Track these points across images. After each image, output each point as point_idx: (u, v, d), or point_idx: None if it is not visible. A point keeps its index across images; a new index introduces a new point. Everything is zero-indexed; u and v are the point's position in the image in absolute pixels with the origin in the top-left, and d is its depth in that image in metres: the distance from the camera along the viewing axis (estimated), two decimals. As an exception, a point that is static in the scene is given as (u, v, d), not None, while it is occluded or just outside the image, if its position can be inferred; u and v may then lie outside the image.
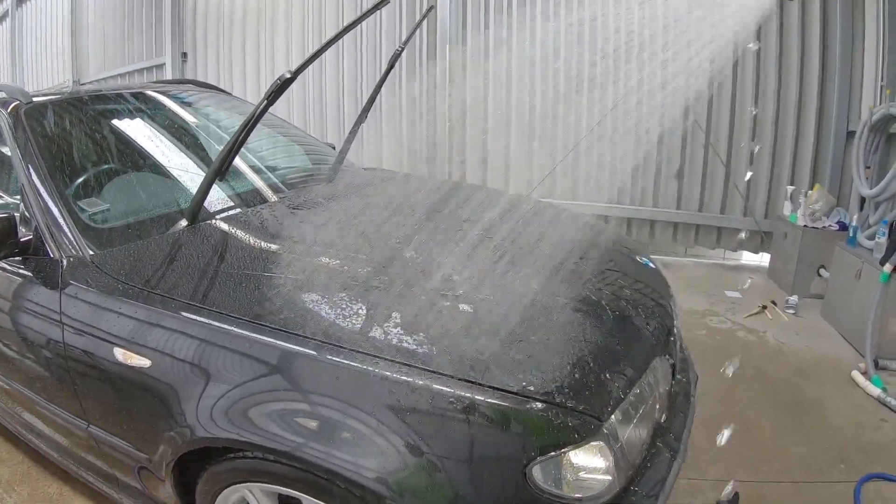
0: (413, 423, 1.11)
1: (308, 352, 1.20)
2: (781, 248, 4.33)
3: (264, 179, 2.21)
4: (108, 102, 2.23)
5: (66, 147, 1.90)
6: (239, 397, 1.22)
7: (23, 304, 1.62)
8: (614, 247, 2.05)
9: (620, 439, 1.19)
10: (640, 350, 1.41)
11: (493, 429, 1.09)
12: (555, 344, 1.24)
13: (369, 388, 1.14)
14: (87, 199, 1.78)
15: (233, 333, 1.27)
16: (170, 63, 6.22)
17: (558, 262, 1.72)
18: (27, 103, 1.93)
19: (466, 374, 1.13)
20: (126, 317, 1.39)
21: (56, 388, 1.59)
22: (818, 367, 3.03)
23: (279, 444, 1.17)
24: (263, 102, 1.64)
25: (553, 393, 1.12)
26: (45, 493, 2.03)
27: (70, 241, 1.60)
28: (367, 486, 1.10)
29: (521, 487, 1.09)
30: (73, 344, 1.48)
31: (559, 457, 1.10)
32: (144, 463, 1.45)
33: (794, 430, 2.44)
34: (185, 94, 2.64)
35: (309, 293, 1.34)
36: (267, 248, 1.59)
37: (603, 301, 1.52)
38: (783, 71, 4.43)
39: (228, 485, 1.33)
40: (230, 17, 5.96)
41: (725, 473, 2.14)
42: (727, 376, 2.82)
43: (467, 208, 2.16)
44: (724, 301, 3.99)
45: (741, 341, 3.34)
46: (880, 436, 2.41)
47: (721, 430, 2.39)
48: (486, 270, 1.52)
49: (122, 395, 1.41)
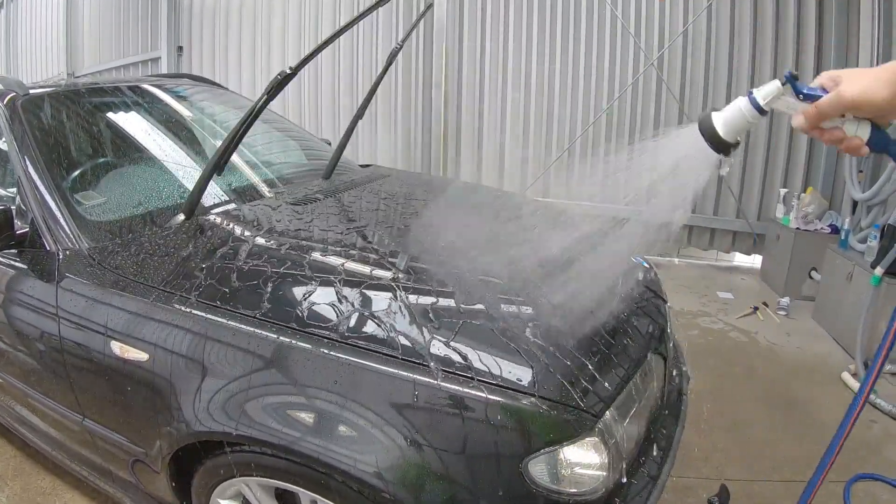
0: (410, 418, 1.11)
1: (305, 346, 1.21)
2: (774, 250, 4.36)
3: (261, 175, 2.21)
4: (105, 95, 2.22)
5: (62, 140, 1.90)
6: (236, 391, 1.23)
7: (19, 297, 1.61)
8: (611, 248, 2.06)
9: (615, 435, 1.20)
10: (633, 348, 1.42)
11: (489, 424, 1.10)
12: (550, 340, 1.25)
13: (366, 382, 1.15)
14: (83, 192, 1.78)
15: (230, 327, 1.27)
16: (165, 57, 6.19)
17: (554, 261, 1.73)
18: (24, 95, 1.92)
19: (463, 369, 1.14)
20: (123, 310, 1.39)
21: (51, 381, 1.58)
22: (809, 368, 3.06)
23: (276, 437, 1.17)
24: (263, 98, 1.64)
25: (548, 389, 1.13)
26: (39, 486, 2.02)
27: (66, 234, 1.60)
28: (365, 480, 1.10)
29: (518, 482, 1.10)
30: (69, 337, 1.47)
31: (554, 452, 1.11)
32: (140, 457, 1.45)
33: (784, 429, 2.47)
34: (181, 87, 2.63)
35: (303, 286, 1.35)
36: (263, 243, 1.59)
37: (598, 299, 1.53)
38: (778, 73, 4.46)
39: (225, 479, 1.34)
40: (226, 12, 5.94)
41: (716, 472, 2.16)
42: (719, 376, 2.84)
43: (466, 207, 2.17)
44: (716, 302, 4.02)
45: (733, 342, 3.37)
46: (870, 436, 2.44)
47: (712, 429, 2.42)
48: (481, 267, 1.52)
49: (118, 388, 1.41)
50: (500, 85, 5.17)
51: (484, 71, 5.19)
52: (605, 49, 4.85)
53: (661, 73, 4.72)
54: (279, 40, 5.79)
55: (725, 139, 0.84)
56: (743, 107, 0.84)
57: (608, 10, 4.76)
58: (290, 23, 5.71)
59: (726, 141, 0.84)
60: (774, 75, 4.40)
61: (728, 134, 0.84)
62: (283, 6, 5.69)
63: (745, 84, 4.55)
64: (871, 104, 0.77)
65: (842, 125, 0.82)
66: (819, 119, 0.82)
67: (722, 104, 3.42)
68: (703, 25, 4.59)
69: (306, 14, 5.65)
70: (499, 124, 5.23)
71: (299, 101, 5.79)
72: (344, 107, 5.66)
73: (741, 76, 4.56)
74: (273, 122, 2.82)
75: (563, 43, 4.94)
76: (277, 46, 5.81)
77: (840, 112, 0.81)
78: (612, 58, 4.84)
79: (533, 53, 5.02)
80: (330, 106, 5.71)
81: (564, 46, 4.94)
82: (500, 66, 5.13)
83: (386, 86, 5.39)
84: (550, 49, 4.98)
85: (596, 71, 4.90)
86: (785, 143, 4.50)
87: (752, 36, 4.48)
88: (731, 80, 4.58)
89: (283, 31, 5.76)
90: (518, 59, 5.08)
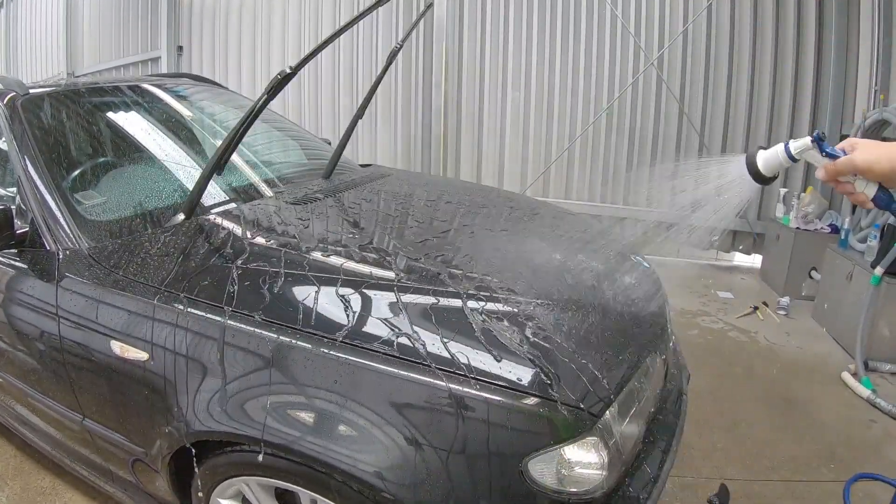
0: (410, 418, 1.12)
1: (305, 345, 1.21)
2: (774, 249, 4.36)
3: (261, 175, 2.21)
4: (105, 95, 2.22)
5: (62, 139, 1.90)
6: (236, 390, 1.23)
7: (19, 296, 1.61)
8: (610, 246, 2.06)
9: (615, 435, 1.20)
10: (633, 347, 1.42)
11: (489, 424, 1.10)
12: (551, 340, 1.25)
13: (366, 382, 1.15)
14: (83, 191, 1.78)
15: (231, 327, 1.27)
16: (165, 56, 6.19)
17: (554, 260, 1.73)
18: (24, 95, 1.92)
19: (463, 369, 1.14)
20: (123, 310, 1.39)
21: (51, 381, 1.58)
22: (809, 367, 3.06)
23: (276, 437, 1.17)
24: (263, 97, 1.64)
25: (549, 388, 1.13)
26: (38, 486, 2.02)
27: (66, 234, 1.59)
28: (365, 480, 1.10)
29: (517, 482, 1.10)
30: (70, 337, 1.47)
31: (555, 452, 1.11)
32: (140, 456, 1.46)
33: (784, 429, 2.47)
34: (181, 87, 2.63)
35: (302, 286, 1.35)
36: (262, 242, 1.59)
37: (598, 299, 1.53)
38: (777, 73, 4.47)
39: (225, 478, 1.34)
40: (226, 12, 5.93)
41: (716, 471, 2.16)
42: (719, 375, 2.84)
43: (465, 205, 2.16)
44: (716, 301, 4.02)
45: (733, 341, 3.37)
46: (870, 436, 2.44)
47: (712, 429, 2.42)
48: (482, 267, 1.52)
49: (118, 388, 1.41)
50: (500, 85, 5.16)
51: (484, 71, 5.19)
52: (605, 48, 4.85)
53: (661, 73, 4.72)
54: (279, 40, 5.79)
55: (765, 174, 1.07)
56: (780, 153, 1.06)
57: (608, 10, 4.76)
58: (290, 23, 5.70)
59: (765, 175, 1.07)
60: (774, 75, 4.42)
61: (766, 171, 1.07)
62: (283, 6, 5.69)
63: (745, 84, 4.55)
64: (874, 173, 0.95)
65: (853, 181, 1.01)
66: (835, 175, 1.01)
67: (722, 103, 3.44)
68: (703, 25, 4.59)
69: (306, 14, 5.64)
70: (499, 124, 5.23)
71: (299, 101, 5.78)
72: (344, 107, 5.66)
73: (741, 76, 4.56)
74: (273, 122, 2.82)
75: (563, 43, 4.94)
76: (277, 46, 5.80)
77: (851, 173, 0.99)
78: (612, 57, 4.84)
79: (533, 53, 5.02)
80: (330, 106, 5.71)
81: (564, 46, 4.94)
82: (500, 66, 5.13)
83: (386, 86, 5.39)
84: (550, 49, 4.98)
85: (596, 70, 4.90)
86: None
87: (752, 36, 4.48)
88: (730, 79, 4.58)
89: (283, 31, 5.75)
90: (518, 59, 5.07)
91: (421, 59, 5.34)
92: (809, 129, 4.42)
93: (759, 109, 4.56)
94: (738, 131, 4.64)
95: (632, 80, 4.79)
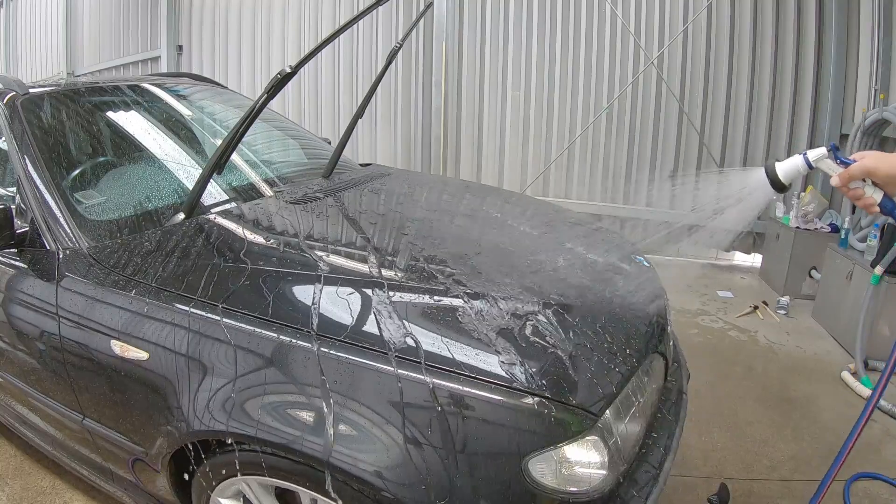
0: (410, 417, 1.11)
1: (305, 345, 1.21)
2: (774, 249, 4.36)
3: (261, 174, 2.21)
4: (105, 94, 2.22)
5: (62, 139, 1.90)
6: (237, 390, 1.23)
7: (18, 296, 1.61)
8: (610, 246, 2.06)
9: (615, 434, 1.20)
10: (634, 347, 1.42)
11: (489, 423, 1.10)
12: (551, 339, 1.25)
13: (366, 381, 1.15)
14: (83, 191, 1.78)
15: (230, 326, 1.27)
16: (165, 56, 6.19)
17: (554, 260, 1.73)
18: (23, 94, 1.92)
19: (464, 368, 1.14)
20: (123, 309, 1.39)
21: (51, 380, 1.58)
22: (809, 367, 3.06)
23: (276, 436, 1.17)
24: (263, 97, 1.64)
25: (549, 388, 1.13)
26: (38, 486, 2.02)
27: (66, 234, 1.59)
28: (365, 479, 1.10)
29: (518, 481, 1.10)
30: (69, 336, 1.47)
31: (555, 451, 1.11)
32: (140, 456, 1.45)
33: (784, 428, 2.47)
34: (181, 87, 2.63)
35: (303, 286, 1.35)
36: (262, 242, 1.59)
37: (599, 298, 1.53)
38: (778, 73, 4.47)
39: (225, 478, 1.34)
40: (226, 11, 5.93)
41: (716, 470, 2.16)
42: (719, 375, 2.84)
43: (464, 204, 2.17)
44: (716, 301, 4.02)
45: (733, 341, 3.37)
46: (869, 436, 2.44)
47: (712, 428, 2.42)
48: (483, 265, 1.52)
49: (118, 387, 1.41)
50: (500, 84, 5.17)
51: (484, 71, 5.19)
52: (605, 48, 4.85)
53: (661, 72, 4.72)
54: (279, 40, 5.79)
55: (783, 182, 1.18)
56: (798, 162, 1.18)
57: (608, 10, 4.76)
58: (290, 22, 5.70)
59: (783, 183, 1.19)
60: (774, 75, 4.42)
61: (785, 179, 1.18)
62: (283, 6, 5.69)
63: (745, 84, 4.55)
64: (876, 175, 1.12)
65: (863, 187, 1.15)
66: (848, 179, 1.15)
67: (722, 103, 3.44)
68: (702, 25, 4.59)
69: (306, 14, 5.64)
70: (499, 124, 5.23)
71: (299, 101, 5.78)
72: (344, 106, 5.66)
73: (741, 76, 4.56)
74: (273, 121, 2.82)
75: (563, 42, 4.94)
76: (277, 46, 5.81)
77: (861, 175, 1.14)
78: (612, 57, 4.84)
79: (533, 53, 5.02)
80: (330, 105, 5.71)
81: (564, 46, 4.94)
82: (500, 65, 5.13)
83: (386, 85, 5.39)
84: (550, 49, 4.98)
85: (596, 70, 4.90)
86: (785, 143, 4.51)
87: (752, 36, 4.48)
88: (730, 79, 4.58)
89: (283, 31, 5.75)
90: (518, 58, 5.08)
91: (421, 59, 5.34)
92: (809, 128, 4.42)
93: (759, 109, 4.56)
94: (738, 131, 4.64)
95: (632, 79, 4.79)
